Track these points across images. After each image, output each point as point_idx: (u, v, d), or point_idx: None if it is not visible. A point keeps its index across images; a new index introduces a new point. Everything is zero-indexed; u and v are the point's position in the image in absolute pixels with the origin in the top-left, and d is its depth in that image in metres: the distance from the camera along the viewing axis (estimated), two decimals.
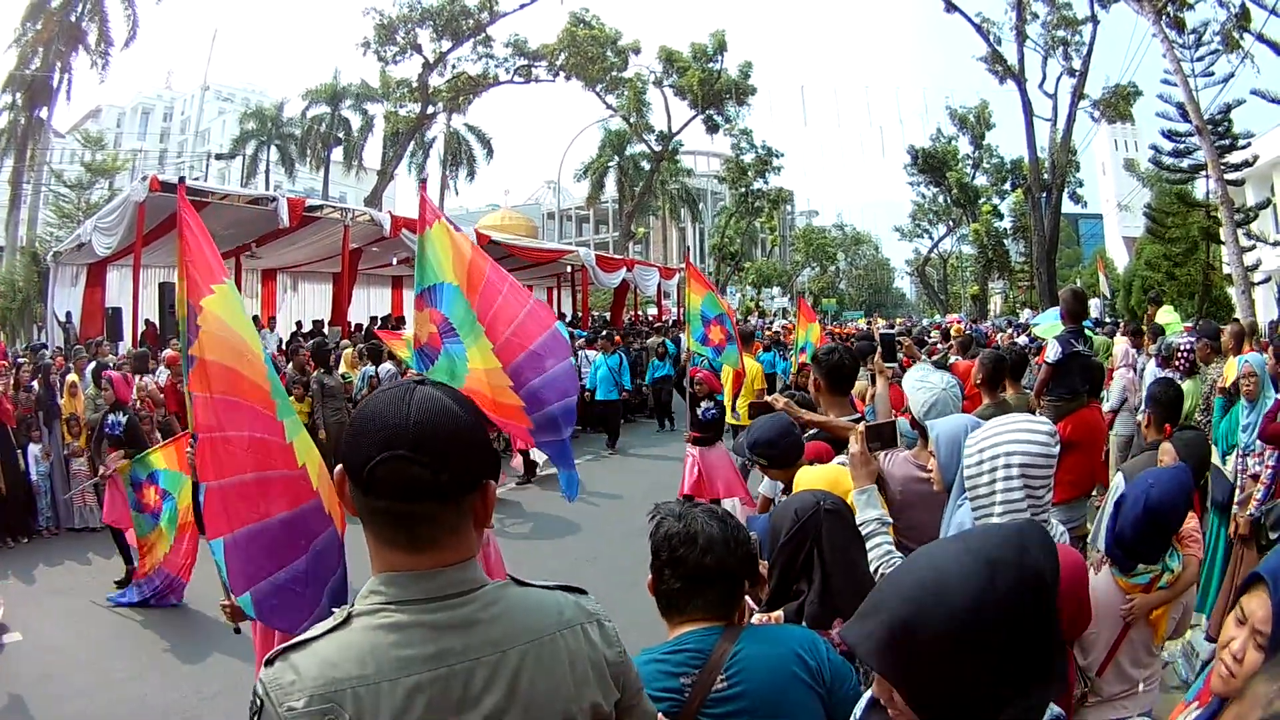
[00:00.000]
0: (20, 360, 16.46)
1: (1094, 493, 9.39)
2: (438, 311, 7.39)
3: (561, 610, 2.14)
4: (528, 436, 7.64)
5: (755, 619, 3.40)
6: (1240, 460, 8.55)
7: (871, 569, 4.13)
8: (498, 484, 3.51)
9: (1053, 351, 9.30)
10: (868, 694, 2.39)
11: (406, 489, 1.90)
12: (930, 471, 4.46)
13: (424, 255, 7.50)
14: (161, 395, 14.13)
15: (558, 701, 2.02)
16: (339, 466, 2.01)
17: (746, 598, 3.41)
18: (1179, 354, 11.78)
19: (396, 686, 1.86)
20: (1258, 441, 8.24)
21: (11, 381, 13.91)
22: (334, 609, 2.02)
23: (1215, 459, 8.74)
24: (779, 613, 3.63)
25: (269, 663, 1.88)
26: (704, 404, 13.04)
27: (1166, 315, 16.12)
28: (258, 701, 1.86)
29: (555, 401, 7.39)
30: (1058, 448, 3.68)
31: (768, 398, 6.81)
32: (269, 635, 6.35)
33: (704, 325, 13.66)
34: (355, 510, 2.00)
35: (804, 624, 3.58)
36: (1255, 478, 8.20)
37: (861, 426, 4.58)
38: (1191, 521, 4.92)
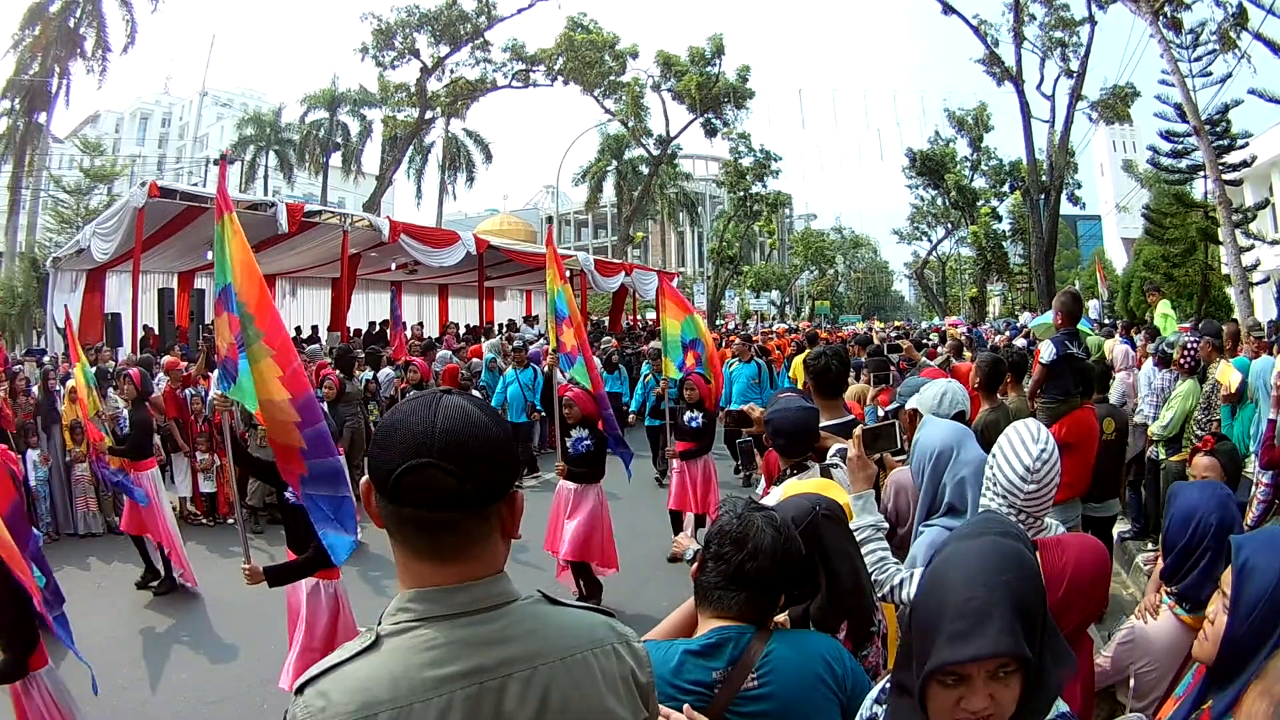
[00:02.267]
0: (19, 366, 16.47)
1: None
2: (236, 318, 6.55)
3: (594, 629, 2.13)
4: (297, 484, 6.58)
5: None
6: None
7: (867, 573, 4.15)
8: None
9: (1047, 353, 9.33)
10: (883, 681, 2.45)
11: (433, 497, 1.90)
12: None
13: (221, 247, 6.66)
14: (161, 401, 14.13)
15: (588, 718, 2.01)
16: (365, 478, 2.01)
17: None
18: (1184, 352, 11.78)
19: (429, 707, 1.85)
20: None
21: (9, 387, 13.89)
22: None
23: None
24: (783, 616, 3.64)
25: (299, 690, 1.88)
26: (575, 432, 10.63)
27: (1165, 308, 16.14)
28: None
29: (334, 455, 6.55)
30: (1048, 484, 3.67)
31: (744, 406, 6.83)
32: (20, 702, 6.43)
33: (558, 325, 11.58)
34: (382, 523, 1.99)
35: (810, 628, 3.60)
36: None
37: (859, 430, 4.59)
38: None
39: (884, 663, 3.80)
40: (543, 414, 19.13)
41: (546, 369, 13.92)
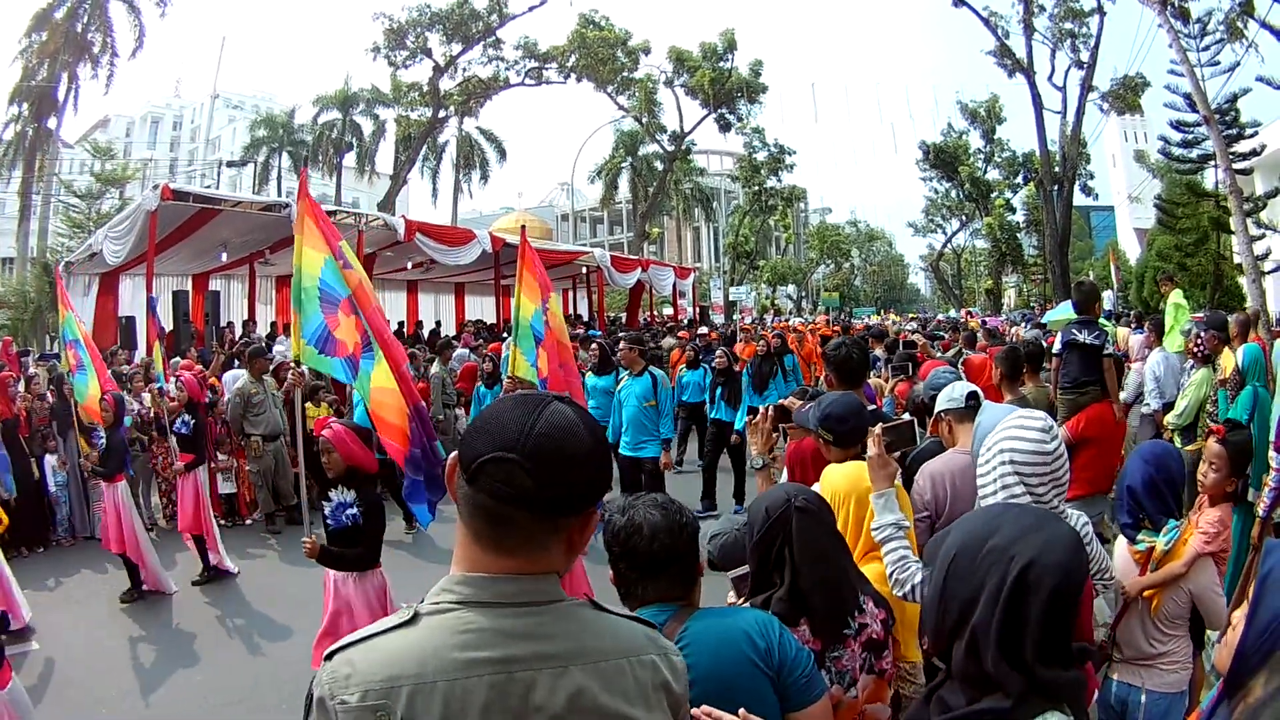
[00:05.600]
0: (34, 371, 16.46)
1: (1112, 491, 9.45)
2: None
3: (635, 639, 2.13)
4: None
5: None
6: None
7: (886, 574, 4.21)
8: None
9: (1056, 345, 9.42)
10: None
11: (509, 493, 1.91)
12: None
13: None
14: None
15: None
16: (453, 454, 2.05)
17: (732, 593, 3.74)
18: (1197, 341, 11.77)
19: (454, 688, 1.86)
20: None
21: (24, 391, 13.87)
22: None
23: None
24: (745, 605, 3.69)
25: (328, 658, 1.91)
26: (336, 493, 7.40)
27: (1178, 298, 16.04)
28: (312, 694, 1.90)
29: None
30: (1055, 443, 3.69)
31: (784, 400, 6.84)
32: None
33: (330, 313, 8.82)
34: (457, 499, 2.02)
35: None
36: None
37: (879, 428, 4.59)
38: (1212, 515, 5.05)
39: (866, 666, 3.77)
40: None
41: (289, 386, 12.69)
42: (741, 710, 2.77)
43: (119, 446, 11.54)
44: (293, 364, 7.05)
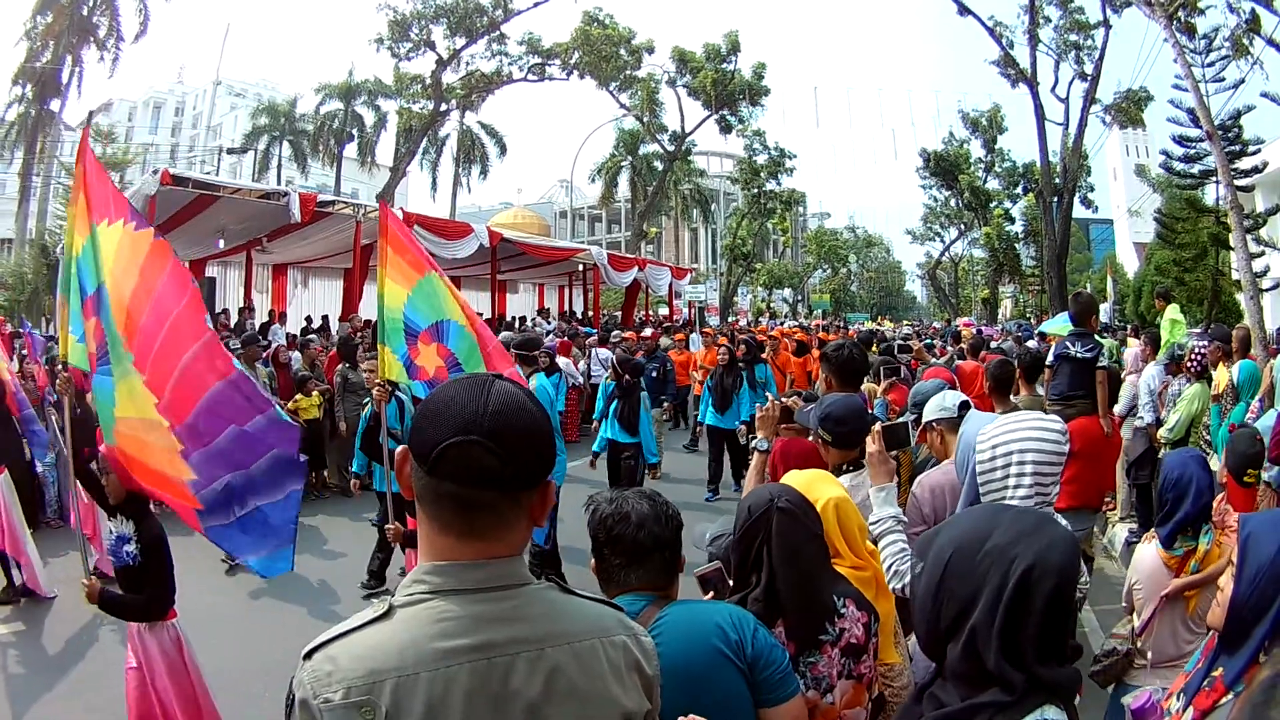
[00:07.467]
0: (25, 351, 16.46)
1: (1107, 502, 9.51)
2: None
3: (603, 619, 2.18)
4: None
5: None
6: None
7: (884, 566, 4.31)
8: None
9: (1050, 356, 9.52)
10: None
11: (474, 475, 1.95)
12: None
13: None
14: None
15: (593, 704, 2.05)
16: (401, 447, 2.06)
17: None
18: (1191, 356, 11.83)
19: (436, 677, 1.89)
20: None
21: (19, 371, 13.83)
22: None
23: (1214, 464, 8.86)
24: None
25: (307, 656, 1.92)
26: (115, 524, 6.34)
27: (1174, 313, 16.02)
28: (293, 696, 1.91)
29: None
30: (1068, 444, 3.88)
31: (788, 401, 6.88)
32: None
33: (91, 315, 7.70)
34: (413, 493, 2.04)
35: None
36: None
37: (878, 427, 4.79)
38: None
39: (844, 671, 3.75)
40: None
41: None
42: None
43: None
44: (60, 364, 5.94)
